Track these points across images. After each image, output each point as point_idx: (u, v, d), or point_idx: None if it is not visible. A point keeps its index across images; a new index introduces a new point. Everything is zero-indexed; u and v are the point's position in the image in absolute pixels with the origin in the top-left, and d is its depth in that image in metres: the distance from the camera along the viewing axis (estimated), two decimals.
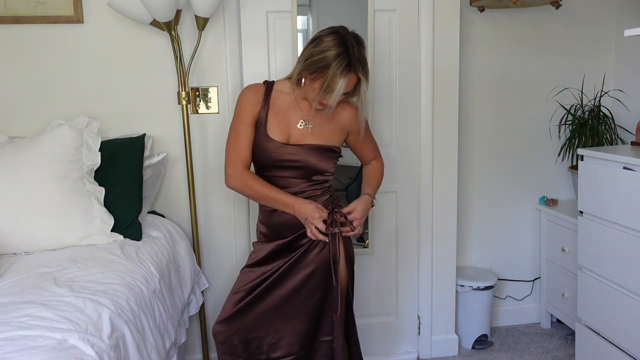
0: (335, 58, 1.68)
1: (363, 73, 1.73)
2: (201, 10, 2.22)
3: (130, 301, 1.62)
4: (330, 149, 1.87)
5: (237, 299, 1.88)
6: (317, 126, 1.86)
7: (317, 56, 1.71)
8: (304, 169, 1.84)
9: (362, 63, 1.73)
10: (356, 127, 1.93)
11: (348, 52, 1.69)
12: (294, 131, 1.85)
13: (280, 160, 1.83)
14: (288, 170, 1.84)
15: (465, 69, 2.76)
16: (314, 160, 1.83)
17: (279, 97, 1.88)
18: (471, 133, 2.86)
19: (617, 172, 2.10)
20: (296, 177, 1.85)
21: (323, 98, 1.76)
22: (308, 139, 1.84)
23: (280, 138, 1.83)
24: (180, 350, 2.21)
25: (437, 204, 2.66)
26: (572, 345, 2.74)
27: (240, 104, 1.87)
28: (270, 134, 1.82)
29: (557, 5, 2.68)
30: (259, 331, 1.88)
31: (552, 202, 2.91)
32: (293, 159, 1.82)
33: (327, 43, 1.71)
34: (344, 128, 1.91)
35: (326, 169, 1.87)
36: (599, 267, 2.23)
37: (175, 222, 2.48)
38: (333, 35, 1.73)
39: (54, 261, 1.81)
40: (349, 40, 1.71)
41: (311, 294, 1.87)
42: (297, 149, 1.83)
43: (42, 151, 2.02)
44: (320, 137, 1.86)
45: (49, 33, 2.35)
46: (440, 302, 2.74)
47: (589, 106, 2.81)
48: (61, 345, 1.29)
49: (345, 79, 1.70)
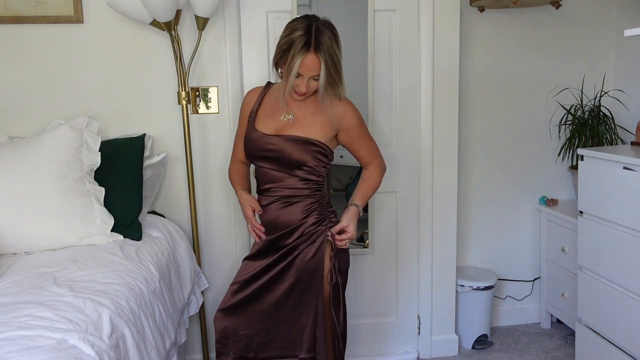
0: (297, 38, 1.71)
1: (323, 55, 1.71)
2: (201, 10, 2.22)
3: (130, 301, 1.62)
4: (309, 142, 1.84)
5: (232, 290, 1.94)
6: (300, 118, 1.87)
7: (283, 40, 1.75)
8: (279, 159, 1.85)
9: (325, 45, 1.71)
10: (346, 124, 1.89)
11: (309, 32, 1.70)
12: (279, 123, 1.88)
13: (260, 150, 1.87)
14: (267, 161, 1.87)
15: (465, 69, 2.76)
16: (289, 150, 1.83)
17: (272, 94, 1.93)
18: (471, 133, 2.86)
19: (617, 172, 2.10)
20: (276, 170, 1.87)
21: (295, 85, 1.78)
22: (287, 130, 1.86)
23: (264, 129, 1.88)
24: (180, 350, 2.21)
25: (437, 204, 2.66)
26: (572, 345, 2.74)
27: (241, 105, 2.00)
28: (257, 126, 1.89)
29: (557, 5, 2.68)
30: (250, 329, 1.91)
31: (552, 202, 2.91)
32: (270, 148, 1.85)
33: (293, 27, 1.75)
34: (330, 123, 1.87)
35: (304, 162, 1.84)
36: (599, 267, 2.23)
37: (175, 222, 2.48)
38: (299, 19, 1.77)
39: (54, 261, 1.81)
40: (314, 23, 1.73)
41: (295, 305, 1.90)
42: (276, 139, 1.85)
43: (42, 151, 2.02)
44: (300, 129, 1.86)
45: (49, 33, 2.35)
46: (440, 302, 2.74)
47: (589, 106, 2.81)
48: (61, 345, 1.29)
49: (300, 58, 1.70)
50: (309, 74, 1.74)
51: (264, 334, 1.91)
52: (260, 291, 1.90)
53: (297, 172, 1.86)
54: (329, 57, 1.72)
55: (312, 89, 1.80)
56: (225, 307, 1.92)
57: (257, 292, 1.90)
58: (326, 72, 1.73)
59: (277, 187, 1.88)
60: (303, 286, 1.88)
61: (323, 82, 1.75)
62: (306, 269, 1.86)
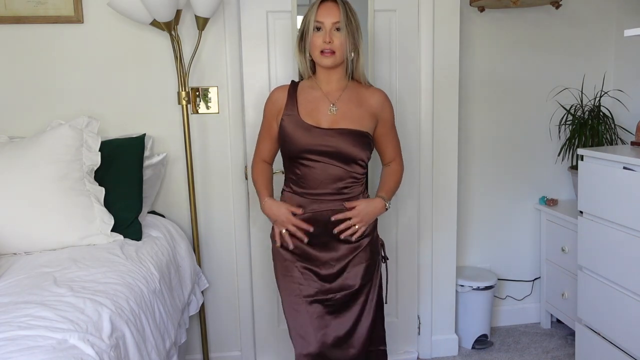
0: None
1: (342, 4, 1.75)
2: (201, 10, 2.22)
3: (130, 301, 1.62)
4: (362, 134, 1.83)
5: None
6: (345, 110, 1.84)
7: (304, 18, 1.80)
8: (335, 153, 1.80)
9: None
10: (386, 114, 1.90)
11: None
12: (328, 117, 1.83)
13: (317, 145, 1.80)
14: (323, 155, 1.81)
15: (465, 68, 2.76)
16: (345, 144, 1.80)
17: (305, 90, 1.89)
18: (471, 133, 2.86)
19: (617, 172, 2.10)
20: (331, 163, 1.81)
21: (319, 45, 1.77)
22: (339, 124, 1.82)
23: (316, 124, 1.82)
24: (180, 350, 2.21)
25: (437, 204, 2.66)
26: (572, 345, 2.74)
27: (265, 104, 1.94)
28: (304, 119, 1.83)
29: (557, 5, 2.68)
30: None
31: (552, 202, 2.91)
32: (328, 143, 1.80)
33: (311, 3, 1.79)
34: (373, 114, 1.87)
35: (358, 154, 1.81)
36: (599, 267, 2.23)
37: (175, 222, 2.48)
38: None
39: (54, 261, 1.81)
40: None
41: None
42: (332, 132, 1.80)
43: (42, 151, 2.02)
44: (351, 122, 1.82)
45: (49, 33, 2.35)
46: (440, 302, 2.74)
47: (589, 106, 2.81)
48: (61, 345, 1.29)
49: (317, 5, 1.74)
50: (329, 20, 1.74)
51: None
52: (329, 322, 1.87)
53: (352, 164, 1.83)
54: (347, 9, 1.75)
55: (337, 43, 1.76)
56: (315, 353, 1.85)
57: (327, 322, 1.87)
58: (346, 20, 1.74)
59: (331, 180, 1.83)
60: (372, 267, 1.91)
61: (345, 35, 1.75)
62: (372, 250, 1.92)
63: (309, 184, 1.85)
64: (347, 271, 1.87)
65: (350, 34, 1.76)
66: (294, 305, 1.88)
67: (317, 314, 1.86)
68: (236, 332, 2.65)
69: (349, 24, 1.75)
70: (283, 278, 1.91)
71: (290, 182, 1.90)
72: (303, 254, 1.88)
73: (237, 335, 2.65)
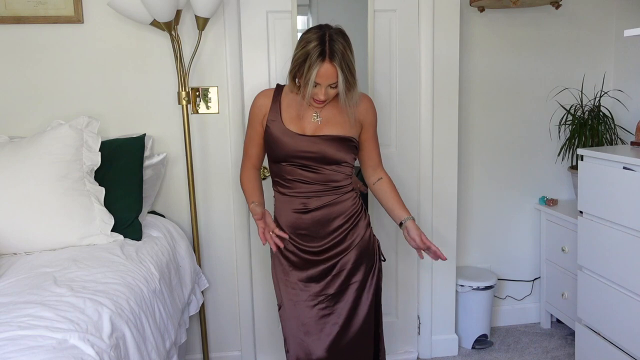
0: (312, 49, 1.72)
1: (339, 63, 1.73)
2: (201, 10, 2.22)
3: (131, 301, 1.62)
4: (347, 139, 1.87)
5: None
6: (328, 118, 1.87)
7: (299, 53, 1.76)
8: (320, 158, 1.84)
9: (339, 52, 1.73)
10: (370, 118, 1.94)
11: (323, 41, 1.72)
12: (312, 124, 1.86)
13: (300, 151, 1.84)
14: (307, 160, 1.85)
15: (465, 69, 2.76)
16: (331, 149, 1.84)
17: (289, 96, 1.91)
18: (471, 133, 2.86)
19: (617, 172, 2.10)
20: (315, 169, 1.86)
21: (313, 94, 1.78)
22: (324, 130, 1.85)
23: (300, 131, 1.85)
24: (180, 350, 2.21)
25: (437, 203, 2.66)
26: (572, 345, 2.74)
27: (250, 109, 1.95)
28: (289, 127, 1.85)
29: (557, 5, 2.68)
30: None
31: (552, 202, 2.91)
32: (312, 149, 1.84)
33: (307, 39, 1.75)
34: (357, 119, 1.90)
35: (344, 158, 1.87)
36: (599, 267, 2.23)
37: (175, 222, 2.48)
38: (313, 29, 1.78)
39: (54, 261, 1.81)
40: (327, 32, 1.74)
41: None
42: (316, 139, 1.84)
43: (42, 151, 2.02)
44: (335, 129, 1.86)
45: (49, 33, 2.35)
46: (440, 302, 2.74)
47: (588, 106, 2.81)
48: (61, 345, 1.29)
49: (317, 67, 1.72)
50: (327, 82, 1.76)
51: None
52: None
53: (338, 168, 1.87)
54: (344, 64, 1.74)
55: (331, 96, 1.81)
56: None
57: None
58: (343, 78, 1.75)
59: (319, 182, 1.87)
60: (365, 262, 1.93)
61: (342, 89, 1.77)
62: (363, 245, 1.93)
63: (295, 185, 1.89)
64: (340, 249, 1.92)
65: (345, 82, 1.77)
66: (292, 311, 1.92)
67: (316, 317, 1.89)
68: (236, 332, 2.65)
69: (346, 80, 1.76)
70: (282, 283, 1.96)
71: (278, 185, 1.94)
72: (296, 250, 1.93)
73: (237, 335, 2.66)
